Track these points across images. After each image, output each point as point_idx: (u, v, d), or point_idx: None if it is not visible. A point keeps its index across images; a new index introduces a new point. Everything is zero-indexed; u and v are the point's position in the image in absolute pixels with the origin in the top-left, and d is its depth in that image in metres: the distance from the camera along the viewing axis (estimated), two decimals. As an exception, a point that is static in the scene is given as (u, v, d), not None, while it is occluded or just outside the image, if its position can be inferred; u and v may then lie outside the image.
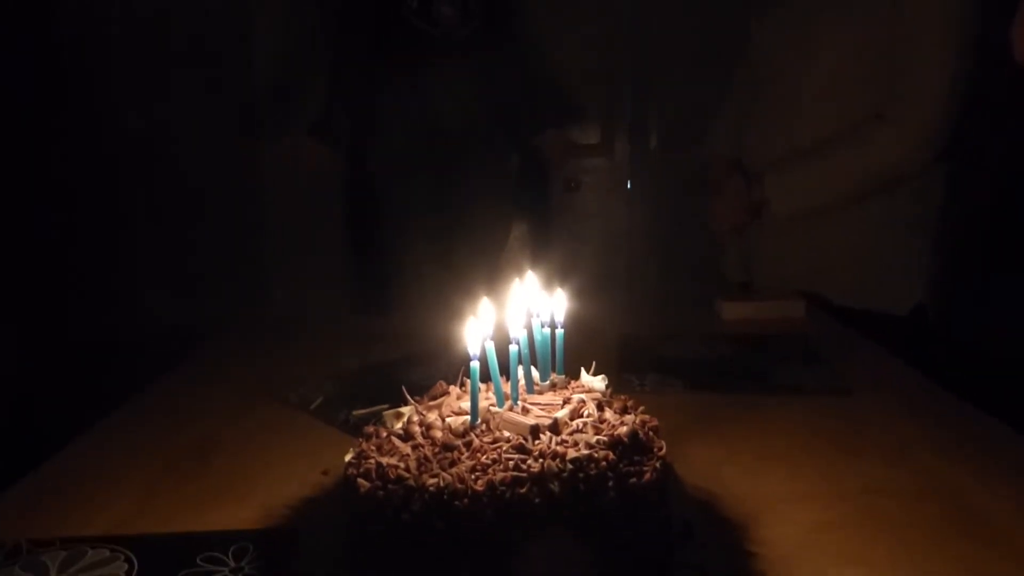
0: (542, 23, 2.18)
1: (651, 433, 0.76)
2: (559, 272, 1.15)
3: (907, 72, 1.63)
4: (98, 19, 2.77)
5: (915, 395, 1.22)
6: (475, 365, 0.75)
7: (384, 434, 0.76)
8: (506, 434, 0.72)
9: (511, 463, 0.67)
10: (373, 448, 0.73)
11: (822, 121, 1.74)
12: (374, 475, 0.68)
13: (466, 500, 0.63)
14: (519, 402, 0.78)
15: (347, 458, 0.75)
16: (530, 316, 0.86)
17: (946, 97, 1.62)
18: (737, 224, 1.91)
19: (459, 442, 0.71)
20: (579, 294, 0.95)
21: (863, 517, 0.84)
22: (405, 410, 0.82)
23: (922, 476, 0.93)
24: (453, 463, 0.68)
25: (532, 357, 0.85)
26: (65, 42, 2.68)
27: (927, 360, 1.38)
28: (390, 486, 0.66)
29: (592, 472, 0.66)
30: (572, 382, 0.87)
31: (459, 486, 0.64)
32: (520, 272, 0.92)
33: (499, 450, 0.69)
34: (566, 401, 0.79)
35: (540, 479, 0.65)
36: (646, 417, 0.78)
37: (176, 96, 2.82)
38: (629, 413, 0.79)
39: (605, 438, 0.71)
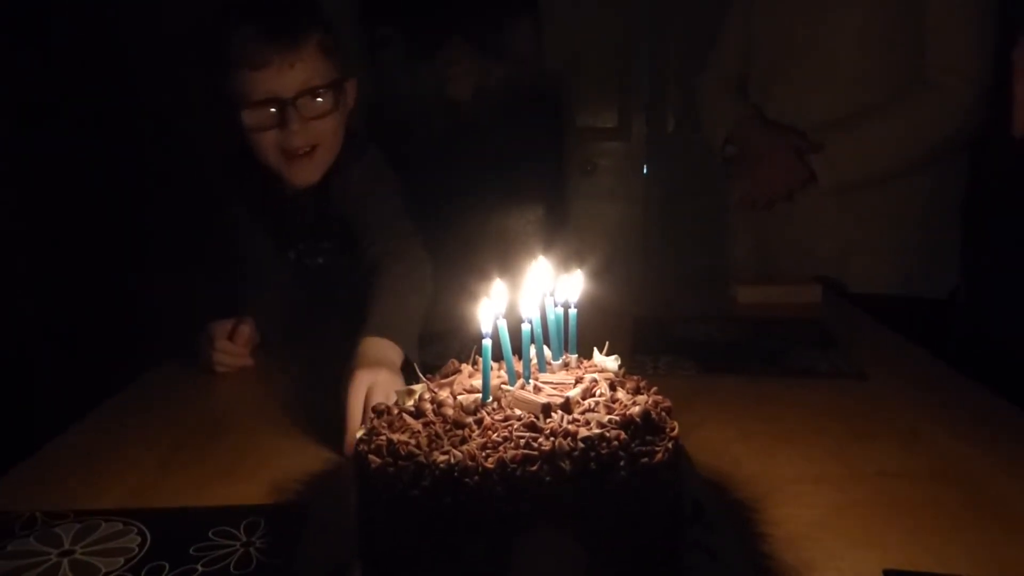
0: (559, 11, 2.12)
1: (663, 414, 0.75)
2: (574, 254, 1.14)
3: (942, 34, 1.61)
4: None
5: (931, 379, 1.21)
6: (487, 343, 0.75)
7: (396, 411, 0.76)
8: (517, 412, 0.72)
9: (522, 441, 0.66)
10: (384, 425, 0.73)
11: (861, 86, 1.70)
12: (385, 451, 0.68)
13: (476, 477, 0.63)
14: (531, 380, 0.78)
15: (358, 435, 0.75)
16: (544, 296, 0.85)
17: (987, 54, 1.60)
18: (780, 195, 1.79)
19: (470, 419, 0.71)
20: (594, 275, 0.94)
21: (877, 500, 0.83)
22: (417, 388, 0.82)
23: (937, 460, 0.93)
24: (464, 440, 0.68)
25: (545, 336, 0.84)
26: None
27: (950, 345, 1.36)
28: (400, 462, 0.66)
29: (604, 451, 0.66)
30: (585, 362, 0.87)
31: (469, 463, 0.64)
32: (533, 254, 0.91)
33: (510, 428, 0.69)
34: (578, 380, 0.79)
35: (551, 457, 0.65)
36: (659, 398, 0.78)
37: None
38: (642, 393, 0.78)
39: (617, 418, 0.70)
